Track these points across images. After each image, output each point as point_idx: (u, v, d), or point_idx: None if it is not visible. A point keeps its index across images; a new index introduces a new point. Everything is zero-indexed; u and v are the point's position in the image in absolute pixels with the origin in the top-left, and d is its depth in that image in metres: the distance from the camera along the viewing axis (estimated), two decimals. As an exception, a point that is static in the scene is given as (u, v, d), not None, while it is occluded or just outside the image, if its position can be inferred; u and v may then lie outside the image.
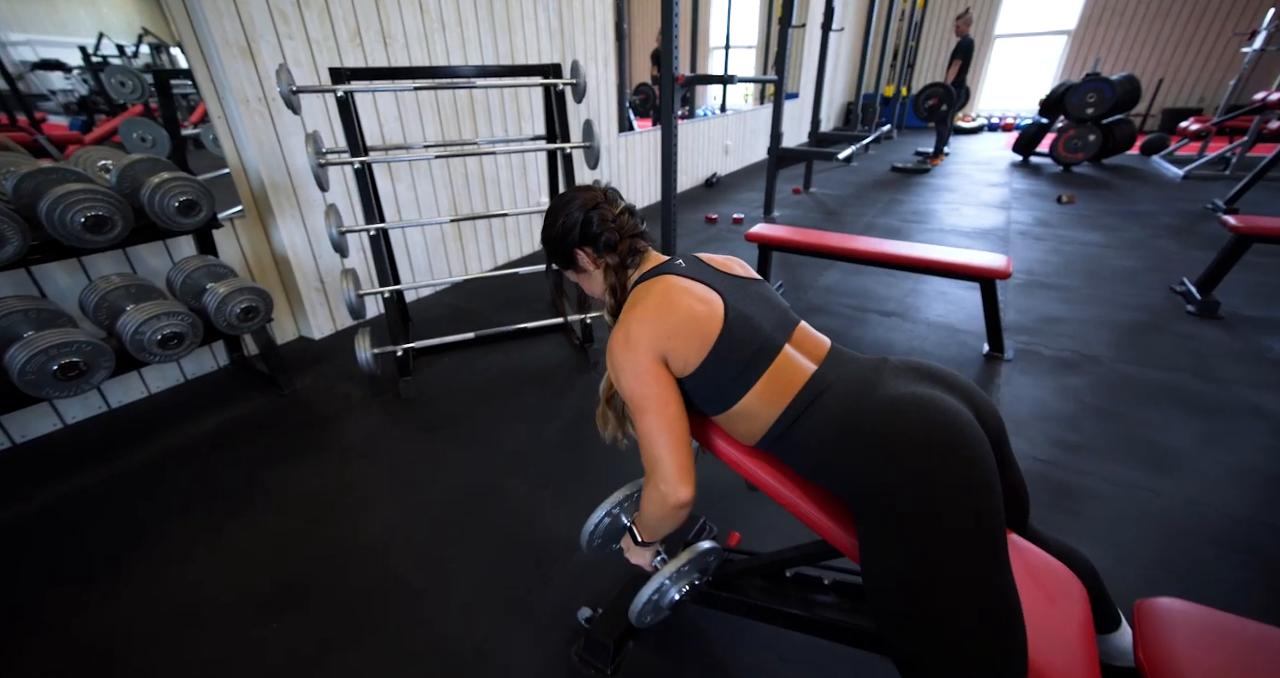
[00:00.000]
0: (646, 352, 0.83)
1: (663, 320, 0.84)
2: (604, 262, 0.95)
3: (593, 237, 0.94)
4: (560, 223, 0.96)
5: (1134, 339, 2.56)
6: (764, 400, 0.83)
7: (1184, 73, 8.23)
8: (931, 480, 0.70)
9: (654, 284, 0.89)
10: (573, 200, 0.96)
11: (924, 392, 0.78)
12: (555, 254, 1.00)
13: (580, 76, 2.07)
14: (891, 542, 0.71)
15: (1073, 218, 4.45)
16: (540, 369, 2.41)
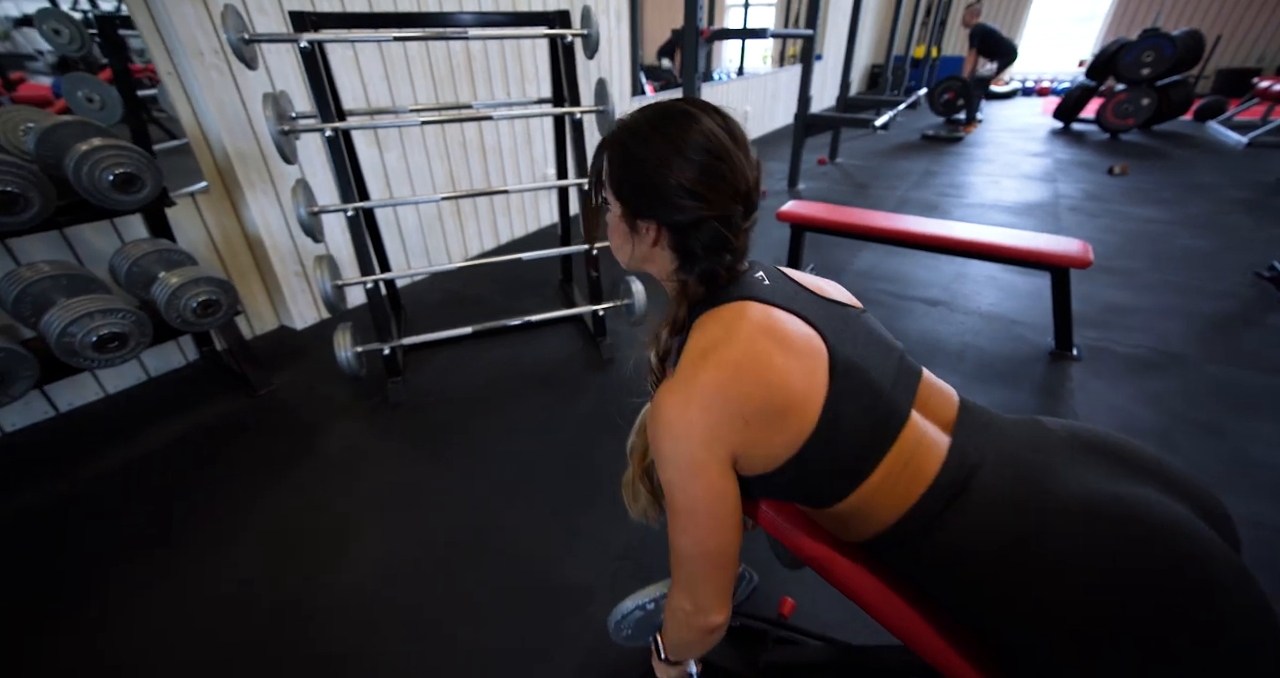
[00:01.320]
0: (708, 446, 0.55)
1: (741, 399, 0.55)
2: (682, 274, 0.64)
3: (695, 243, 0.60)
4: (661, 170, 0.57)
5: (1221, 334, 2.25)
6: (883, 494, 0.57)
7: (1244, 28, 7.56)
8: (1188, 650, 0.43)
9: (730, 319, 0.59)
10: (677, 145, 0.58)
11: (1131, 493, 0.50)
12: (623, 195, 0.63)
13: (592, 26, 1.72)
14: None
15: (1127, 191, 4.05)
16: (548, 368, 2.15)
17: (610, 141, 0.64)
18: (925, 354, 2.13)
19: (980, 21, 5.73)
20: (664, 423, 0.56)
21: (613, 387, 2.01)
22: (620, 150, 0.62)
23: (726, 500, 0.57)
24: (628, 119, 0.63)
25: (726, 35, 2.54)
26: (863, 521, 0.58)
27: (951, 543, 0.54)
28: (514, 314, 2.11)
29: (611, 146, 0.63)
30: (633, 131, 0.61)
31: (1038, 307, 2.46)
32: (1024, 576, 0.49)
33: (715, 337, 0.58)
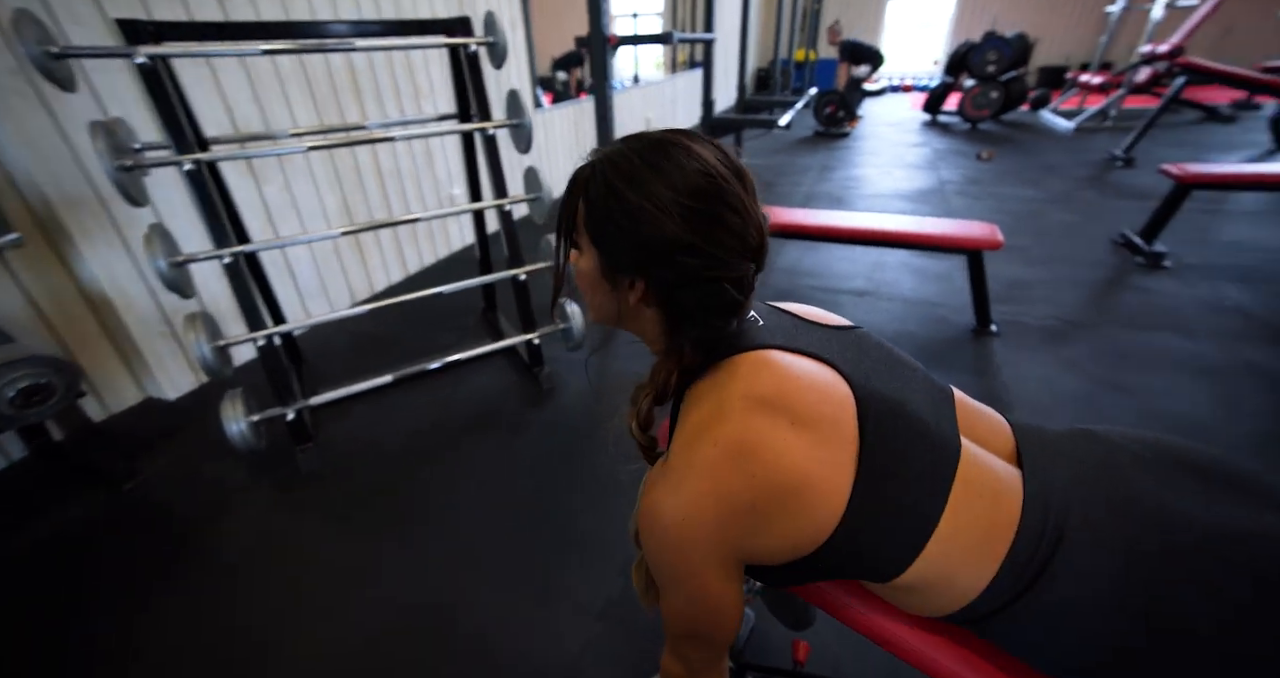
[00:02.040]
0: (710, 554, 0.49)
1: (747, 489, 0.46)
2: (674, 339, 0.53)
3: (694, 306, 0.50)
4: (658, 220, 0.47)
5: (1103, 299, 2.50)
6: (958, 551, 0.48)
7: (1056, 32, 8.77)
8: None
9: (726, 383, 0.50)
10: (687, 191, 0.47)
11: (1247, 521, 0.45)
12: (604, 244, 0.51)
13: (499, 33, 1.57)
14: None
15: (998, 174, 4.49)
16: (484, 408, 1.94)
17: (588, 179, 0.51)
18: (866, 346, 2.17)
19: (844, 38, 6.21)
20: (658, 527, 0.48)
21: (558, 419, 1.85)
22: (603, 191, 0.49)
23: (725, 601, 0.51)
24: (611, 152, 0.51)
25: (633, 41, 2.47)
26: (941, 589, 0.49)
27: (1057, 609, 0.46)
28: (437, 353, 1.88)
29: (590, 185, 0.51)
30: (619, 169, 0.49)
31: (951, 288, 2.61)
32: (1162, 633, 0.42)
33: (709, 411, 0.49)
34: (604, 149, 0.52)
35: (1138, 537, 0.45)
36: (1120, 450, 0.53)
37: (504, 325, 2.39)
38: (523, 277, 1.86)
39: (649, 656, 1.12)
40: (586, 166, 0.52)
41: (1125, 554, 0.45)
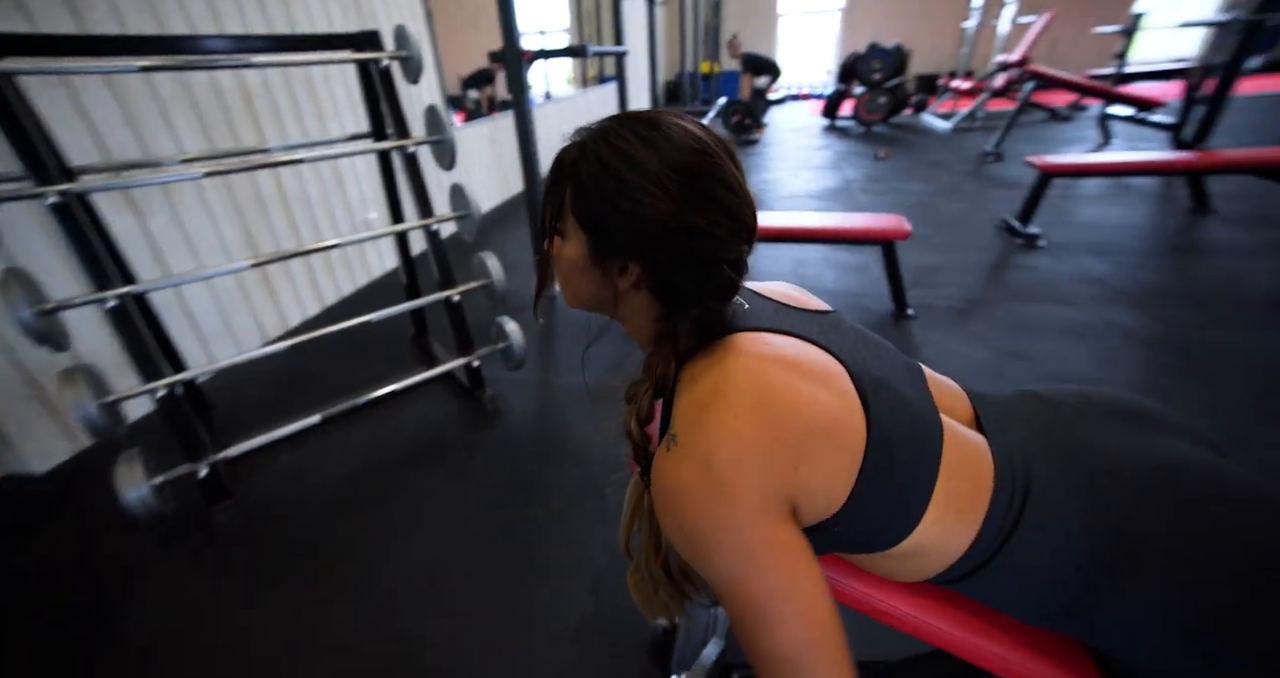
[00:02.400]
0: (764, 505, 0.44)
1: (780, 425, 0.45)
2: (668, 323, 0.52)
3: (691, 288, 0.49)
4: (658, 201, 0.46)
5: (996, 278, 2.77)
6: (951, 515, 0.50)
7: (925, 44, 9.71)
8: None
9: (723, 358, 0.48)
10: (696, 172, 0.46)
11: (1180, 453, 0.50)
12: (593, 227, 0.50)
13: (412, 47, 1.50)
14: None
15: (895, 171, 4.89)
16: (426, 440, 1.84)
17: (576, 161, 0.49)
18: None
19: (744, 51, 6.56)
20: (691, 506, 0.44)
21: (507, 442, 1.78)
22: (597, 171, 0.48)
23: (806, 556, 0.44)
24: (602, 131, 0.49)
25: (547, 55, 2.46)
26: (934, 553, 0.52)
27: (1034, 555, 0.49)
28: (367, 386, 1.76)
29: (580, 167, 0.49)
30: (615, 149, 0.47)
31: (869, 279, 2.79)
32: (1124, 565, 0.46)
33: (713, 382, 0.47)
34: (592, 128, 0.50)
35: (1093, 479, 0.50)
36: (1062, 406, 0.58)
37: (438, 351, 2.28)
38: (456, 298, 1.78)
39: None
40: (573, 147, 0.50)
41: (1087, 495, 0.49)
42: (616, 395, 0.59)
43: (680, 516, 0.45)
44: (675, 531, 0.46)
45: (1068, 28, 8.65)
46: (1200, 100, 3.72)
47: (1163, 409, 0.58)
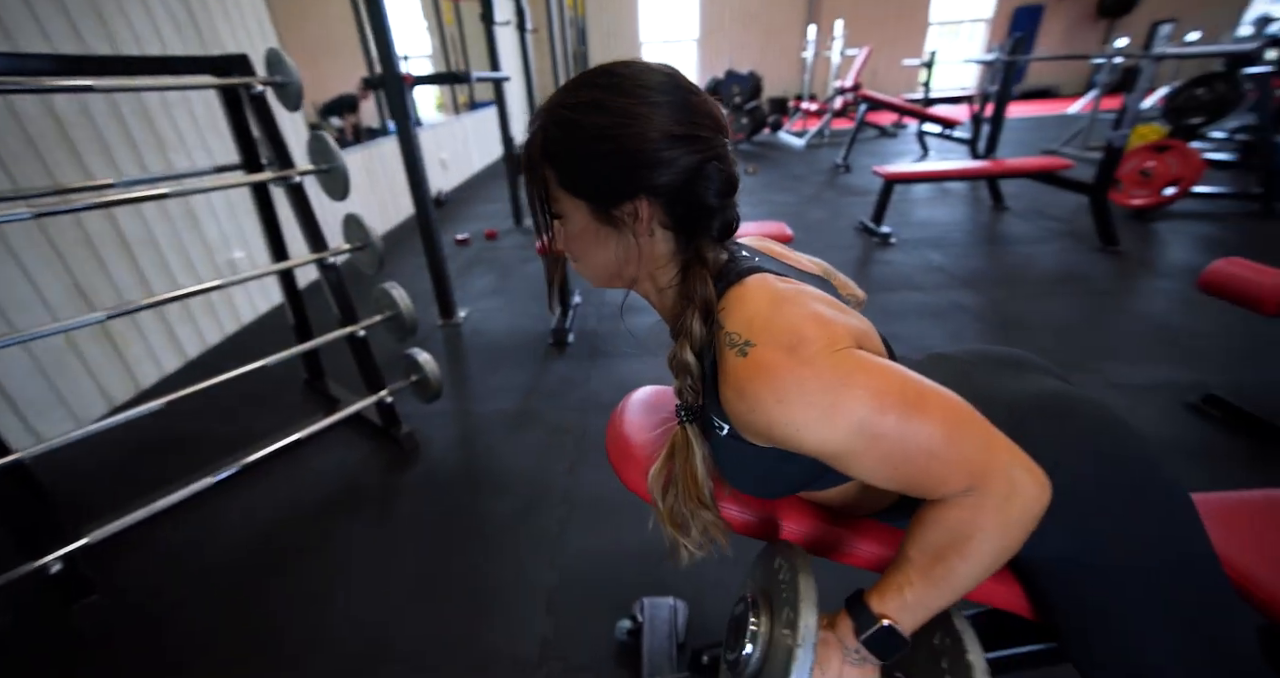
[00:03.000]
0: (851, 345, 0.49)
1: (839, 324, 0.50)
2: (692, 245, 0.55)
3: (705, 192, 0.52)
4: (648, 128, 0.49)
5: (863, 271, 3.16)
6: None
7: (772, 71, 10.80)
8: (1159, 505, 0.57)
9: (759, 285, 0.52)
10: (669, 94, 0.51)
11: (1052, 385, 0.65)
12: (587, 188, 0.53)
13: (289, 71, 1.41)
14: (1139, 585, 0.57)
15: (764, 184, 5.37)
16: (341, 487, 1.70)
17: (543, 140, 0.53)
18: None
19: None
20: (794, 380, 0.46)
21: (432, 477, 1.71)
22: (569, 132, 0.51)
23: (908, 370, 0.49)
24: (558, 99, 0.53)
25: (430, 80, 2.41)
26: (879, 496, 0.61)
27: None
28: (261, 440, 1.59)
29: (550, 144, 0.52)
30: (579, 105, 0.50)
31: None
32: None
33: (762, 298, 0.50)
34: (543, 107, 0.53)
35: (997, 414, 0.62)
36: (962, 362, 0.72)
37: (338, 392, 2.11)
38: (361, 333, 1.68)
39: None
40: (536, 132, 0.53)
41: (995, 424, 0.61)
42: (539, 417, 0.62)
43: (791, 393, 0.46)
44: (787, 411, 0.46)
45: (883, 60, 10.14)
46: (983, 120, 4.56)
47: (1030, 356, 0.74)
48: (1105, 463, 0.58)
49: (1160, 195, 3.54)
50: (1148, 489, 0.58)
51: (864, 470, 0.49)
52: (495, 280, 3.29)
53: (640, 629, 1.13)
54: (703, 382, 0.55)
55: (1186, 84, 4.12)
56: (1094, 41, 10.08)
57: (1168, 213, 3.66)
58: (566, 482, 1.65)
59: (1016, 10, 10.11)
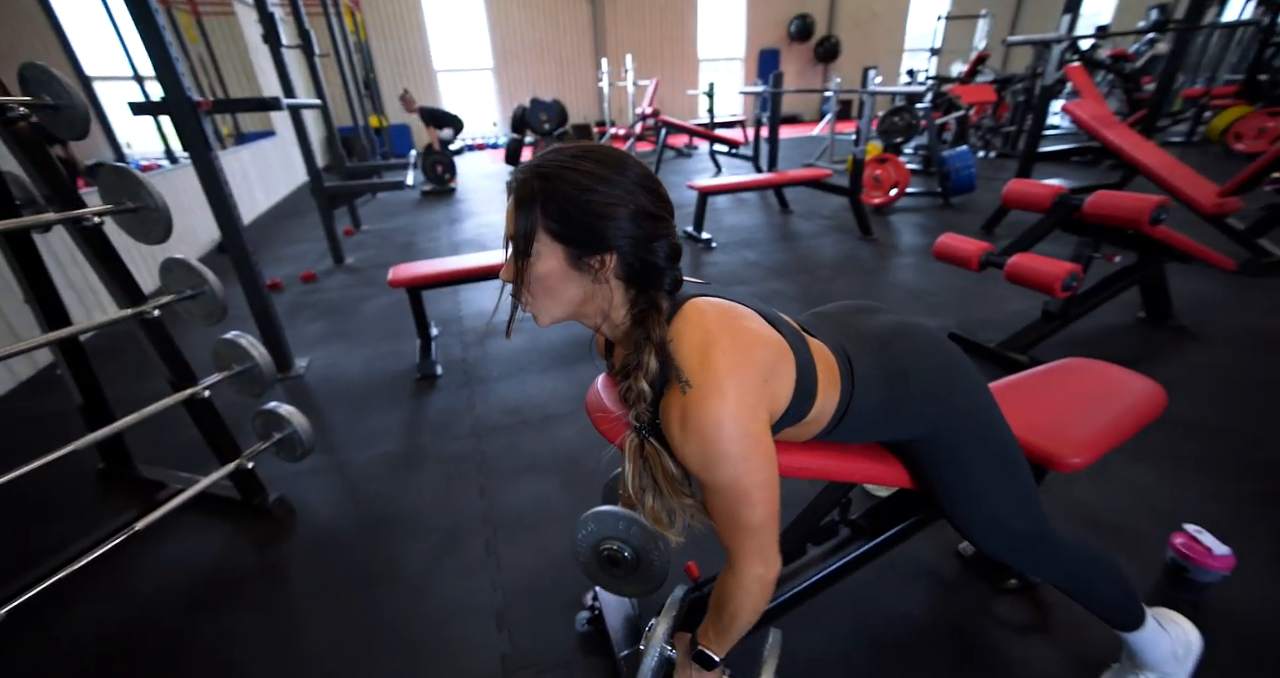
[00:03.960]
0: (755, 418, 0.64)
1: (757, 365, 0.65)
2: (645, 296, 0.67)
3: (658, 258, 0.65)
4: (634, 194, 0.62)
5: (696, 273, 3.58)
6: (829, 389, 0.77)
7: (574, 99, 11.38)
8: (974, 390, 0.84)
9: (696, 318, 0.66)
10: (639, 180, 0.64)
11: (897, 319, 0.90)
12: (570, 236, 0.63)
13: (67, 94, 1.17)
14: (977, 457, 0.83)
15: (589, 206, 5.68)
16: (203, 579, 1.43)
17: (545, 193, 0.61)
18: (579, 350, 2.54)
19: (421, 105, 6.64)
20: (713, 423, 0.61)
21: (320, 541, 1.54)
22: (573, 192, 0.61)
23: (774, 458, 0.67)
24: (558, 163, 0.62)
25: (233, 107, 2.11)
26: (821, 418, 0.79)
27: (864, 404, 0.81)
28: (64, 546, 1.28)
29: (554, 192, 0.61)
30: (582, 172, 0.61)
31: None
32: (906, 391, 0.81)
33: (701, 335, 0.64)
34: (544, 164, 0.62)
35: (870, 343, 0.84)
36: (835, 313, 0.93)
37: (155, 473, 1.74)
38: (206, 394, 1.45)
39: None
40: (532, 181, 0.62)
41: (872, 353, 0.83)
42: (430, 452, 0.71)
43: (705, 433, 0.61)
44: (701, 442, 0.62)
45: (671, 90, 11.41)
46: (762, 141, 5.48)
47: (874, 302, 1.00)
48: (941, 367, 0.85)
49: (889, 195, 4.67)
50: (967, 382, 0.86)
51: (709, 504, 0.70)
52: (330, 325, 2.97)
53: (599, 616, 1.20)
54: (653, 402, 0.68)
55: (888, 113, 5.49)
56: (817, 79, 12.65)
57: (895, 208, 4.82)
58: (482, 505, 1.62)
59: (761, 52, 12.23)
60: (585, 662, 1.16)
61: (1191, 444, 1.68)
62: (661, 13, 11.28)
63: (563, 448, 1.86)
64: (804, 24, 11.89)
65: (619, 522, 0.94)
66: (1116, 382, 1.16)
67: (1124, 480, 1.56)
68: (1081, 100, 3.45)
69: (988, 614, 1.23)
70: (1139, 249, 2.23)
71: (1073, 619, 1.18)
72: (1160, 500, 1.48)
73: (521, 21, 10.71)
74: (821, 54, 12.35)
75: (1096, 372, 1.21)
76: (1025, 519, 0.87)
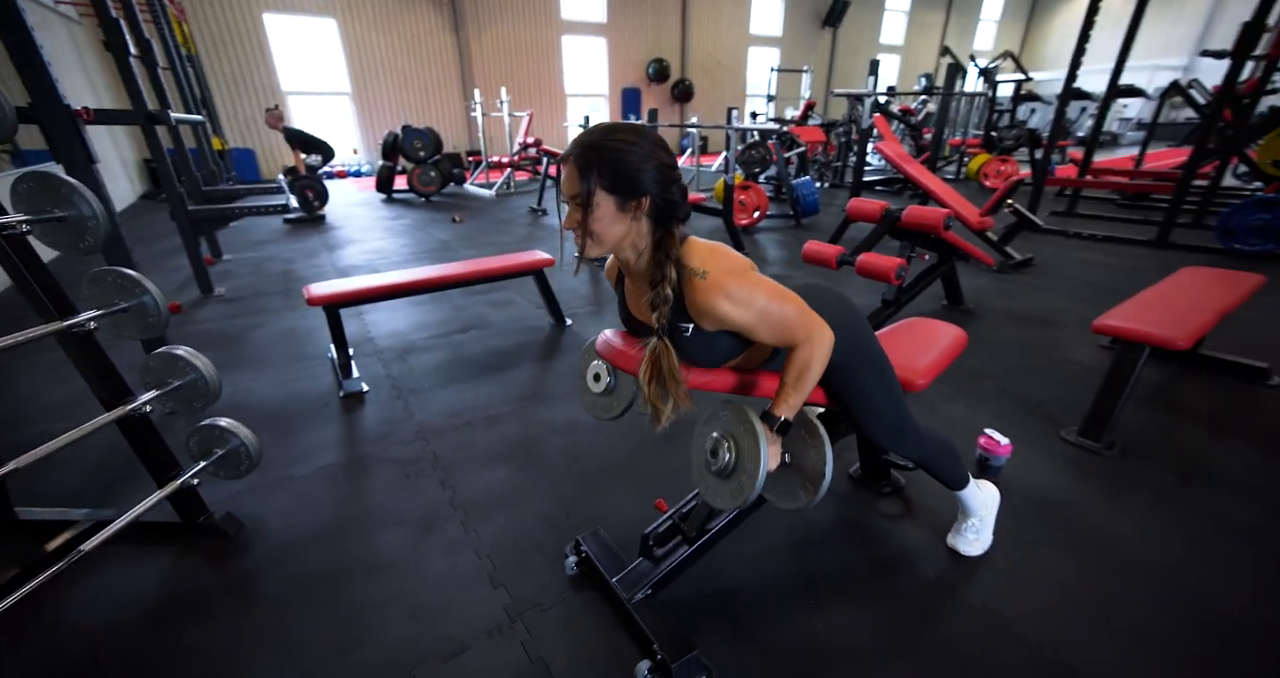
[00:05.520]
0: (750, 266, 0.96)
1: (741, 263, 0.96)
2: (667, 225, 0.92)
3: (676, 197, 0.91)
4: (655, 156, 0.88)
5: (600, 289, 3.87)
6: None
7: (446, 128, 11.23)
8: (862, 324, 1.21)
9: (696, 242, 0.95)
10: (655, 143, 0.90)
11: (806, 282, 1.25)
12: (618, 187, 0.87)
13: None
14: (867, 376, 1.19)
15: (477, 229, 5.74)
16: (160, 605, 1.35)
17: (596, 159, 0.86)
18: (505, 358, 2.67)
19: (286, 125, 6.21)
20: (732, 281, 0.90)
21: (285, 555, 1.51)
22: (616, 157, 0.86)
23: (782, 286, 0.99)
24: (603, 137, 0.87)
25: (113, 118, 1.93)
26: (763, 350, 1.10)
27: None
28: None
29: (602, 162, 0.86)
30: (621, 140, 0.87)
31: (520, 308, 3.42)
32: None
33: (704, 248, 0.94)
34: (590, 141, 0.87)
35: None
36: None
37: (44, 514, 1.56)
38: (147, 408, 1.39)
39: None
40: (587, 153, 0.86)
41: None
42: (378, 458, 0.94)
43: (733, 295, 0.89)
44: (732, 299, 0.89)
45: (545, 122, 11.79)
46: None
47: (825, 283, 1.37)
48: (841, 308, 1.21)
49: (753, 217, 5.41)
50: (858, 318, 1.23)
51: (761, 334, 0.95)
52: (223, 354, 2.75)
53: (586, 557, 1.39)
54: (673, 307, 0.95)
55: (747, 146, 6.36)
56: (675, 117, 13.92)
57: (758, 229, 5.59)
58: (447, 494, 1.71)
59: (624, 90, 13.17)
60: (580, 596, 1.34)
61: (980, 385, 2.32)
62: (527, 49, 11.71)
63: (513, 440, 2.00)
64: (661, 67, 13.09)
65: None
66: (938, 329, 1.66)
67: (946, 411, 2.12)
68: (886, 141, 4.42)
69: (874, 511, 1.64)
70: (939, 250, 2.98)
71: (926, 506, 1.63)
72: (968, 419, 2.04)
73: (381, 47, 10.44)
74: (678, 95, 13.65)
75: (926, 324, 1.70)
76: (901, 416, 1.26)
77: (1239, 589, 1.34)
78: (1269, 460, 1.82)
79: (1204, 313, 1.96)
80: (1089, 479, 1.75)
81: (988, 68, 8.44)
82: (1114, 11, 4.67)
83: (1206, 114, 4.44)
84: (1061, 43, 17.71)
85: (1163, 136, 9.91)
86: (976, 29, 18.26)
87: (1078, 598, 1.32)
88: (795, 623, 1.27)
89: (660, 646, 1.13)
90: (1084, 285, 3.64)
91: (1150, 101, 8.08)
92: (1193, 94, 6.10)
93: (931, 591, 1.36)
